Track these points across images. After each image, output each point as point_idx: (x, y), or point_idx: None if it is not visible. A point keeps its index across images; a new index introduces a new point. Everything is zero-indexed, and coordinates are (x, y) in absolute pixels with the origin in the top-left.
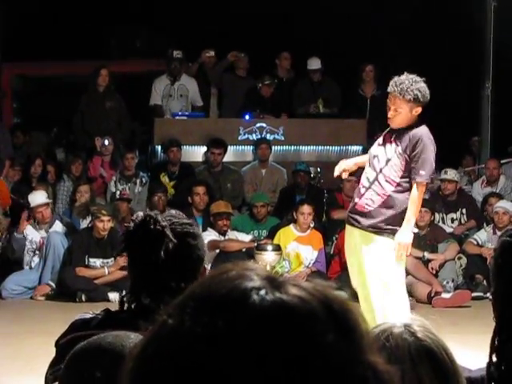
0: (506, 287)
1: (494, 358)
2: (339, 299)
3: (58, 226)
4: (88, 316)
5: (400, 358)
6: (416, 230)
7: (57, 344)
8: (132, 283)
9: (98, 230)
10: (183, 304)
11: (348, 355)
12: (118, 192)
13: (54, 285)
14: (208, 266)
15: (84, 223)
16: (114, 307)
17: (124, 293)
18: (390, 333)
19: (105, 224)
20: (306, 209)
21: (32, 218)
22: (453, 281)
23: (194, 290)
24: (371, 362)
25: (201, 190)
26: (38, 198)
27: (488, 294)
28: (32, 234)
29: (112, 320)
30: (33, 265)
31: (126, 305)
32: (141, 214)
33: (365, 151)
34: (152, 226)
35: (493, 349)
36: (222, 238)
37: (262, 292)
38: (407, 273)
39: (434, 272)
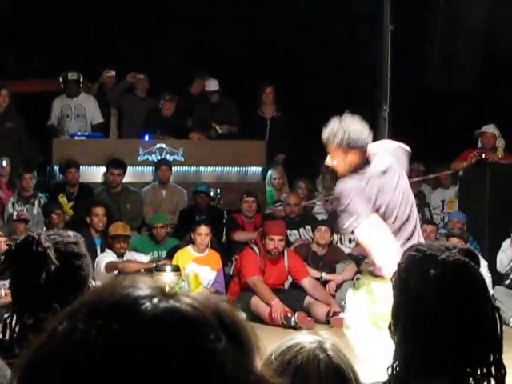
0: (408, 303)
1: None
2: (230, 312)
3: None
4: None
5: (308, 372)
6: None
7: None
8: (14, 304)
9: None
10: (74, 311)
11: (237, 364)
12: (16, 213)
13: None
14: None
15: None
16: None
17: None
18: (303, 346)
19: (1, 245)
20: (203, 229)
21: None
22: None
23: (85, 298)
24: (260, 373)
25: (100, 210)
26: None
27: None
28: None
29: None
30: None
31: (8, 329)
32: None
33: (264, 172)
34: (34, 248)
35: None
36: (120, 260)
37: (155, 300)
38: (306, 293)
39: (332, 293)
